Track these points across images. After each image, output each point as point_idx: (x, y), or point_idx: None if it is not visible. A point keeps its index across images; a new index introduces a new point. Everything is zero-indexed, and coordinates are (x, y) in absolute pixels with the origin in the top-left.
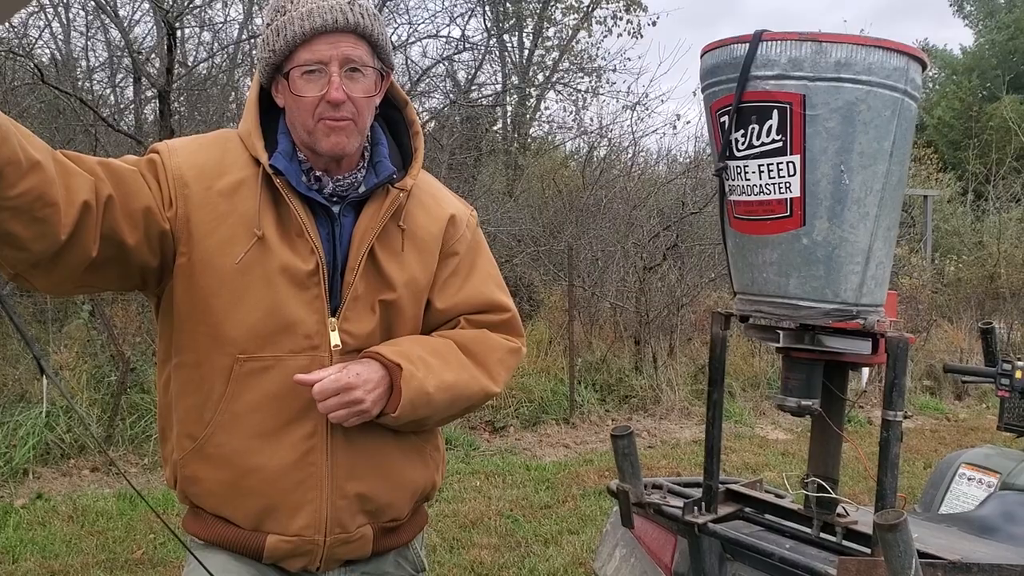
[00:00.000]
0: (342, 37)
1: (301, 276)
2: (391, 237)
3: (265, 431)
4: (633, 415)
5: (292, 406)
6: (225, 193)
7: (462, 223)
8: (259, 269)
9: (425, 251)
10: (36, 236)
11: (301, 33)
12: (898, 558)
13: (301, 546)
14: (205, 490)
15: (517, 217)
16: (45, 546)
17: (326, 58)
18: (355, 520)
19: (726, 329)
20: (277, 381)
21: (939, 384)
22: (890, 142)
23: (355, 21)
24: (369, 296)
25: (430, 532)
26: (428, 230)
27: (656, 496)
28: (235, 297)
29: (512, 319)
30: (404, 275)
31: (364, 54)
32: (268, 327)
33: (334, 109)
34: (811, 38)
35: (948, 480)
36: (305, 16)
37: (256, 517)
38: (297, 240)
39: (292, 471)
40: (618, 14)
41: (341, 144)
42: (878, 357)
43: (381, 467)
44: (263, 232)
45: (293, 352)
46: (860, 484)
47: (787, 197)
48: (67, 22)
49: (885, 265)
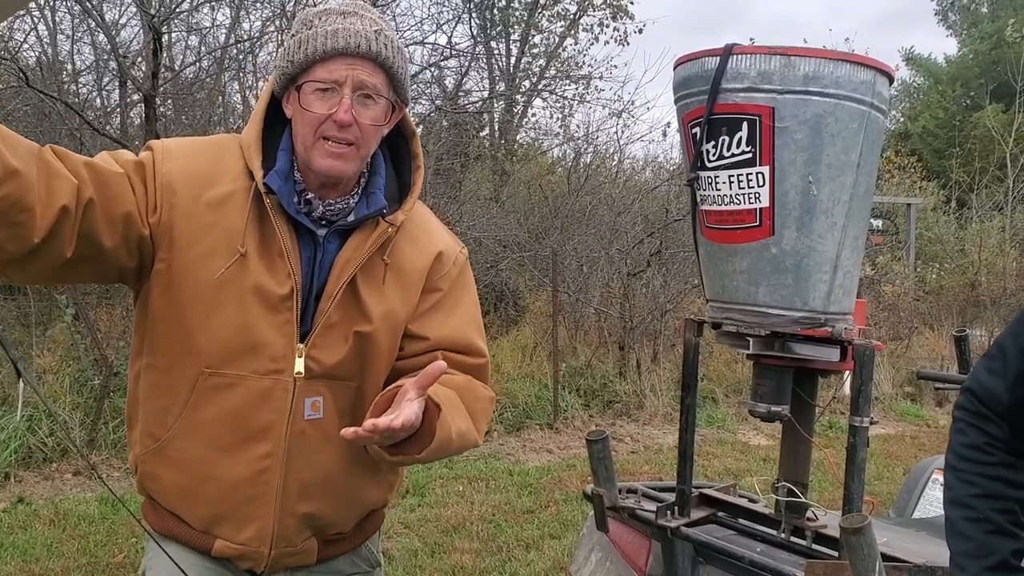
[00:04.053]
0: (361, 63)
1: (274, 299)
2: (374, 269)
3: (223, 445)
4: (617, 420)
5: (251, 425)
6: (212, 204)
7: (449, 260)
8: (235, 286)
9: (408, 286)
10: (9, 238)
11: (323, 51)
12: (862, 561)
13: (246, 553)
14: (162, 489)
15: (503, 223)
16: (26, 550)
17: (341, 79)
18: (301, 535)
19: (699, 336)
20: (239, 399)
21: (920, 391)
22: (857, 154)
23: (377, 50)
24: (344, 326)
25: (411, 536)
26: (414, 264)
27: (630, 500)
28: (209, 310)
29: (486, 366)
30: (383, 307)
31: (380, 83)
32: (236, 345)
33: (338, 130)
34: (780, 52)
35: (922, 485)
36: (329, 35)
37: (207, 521)
38: (277, 261)
39: (245, 486)
40: (605, 22)
41: (337, 168)
42: (846, 364)
43: (333, 488)
44: (246, 249)
45: (257, 373)
46: (839, 490)
47: (756, 207)
48: (53, 25)
49: (853, 274)
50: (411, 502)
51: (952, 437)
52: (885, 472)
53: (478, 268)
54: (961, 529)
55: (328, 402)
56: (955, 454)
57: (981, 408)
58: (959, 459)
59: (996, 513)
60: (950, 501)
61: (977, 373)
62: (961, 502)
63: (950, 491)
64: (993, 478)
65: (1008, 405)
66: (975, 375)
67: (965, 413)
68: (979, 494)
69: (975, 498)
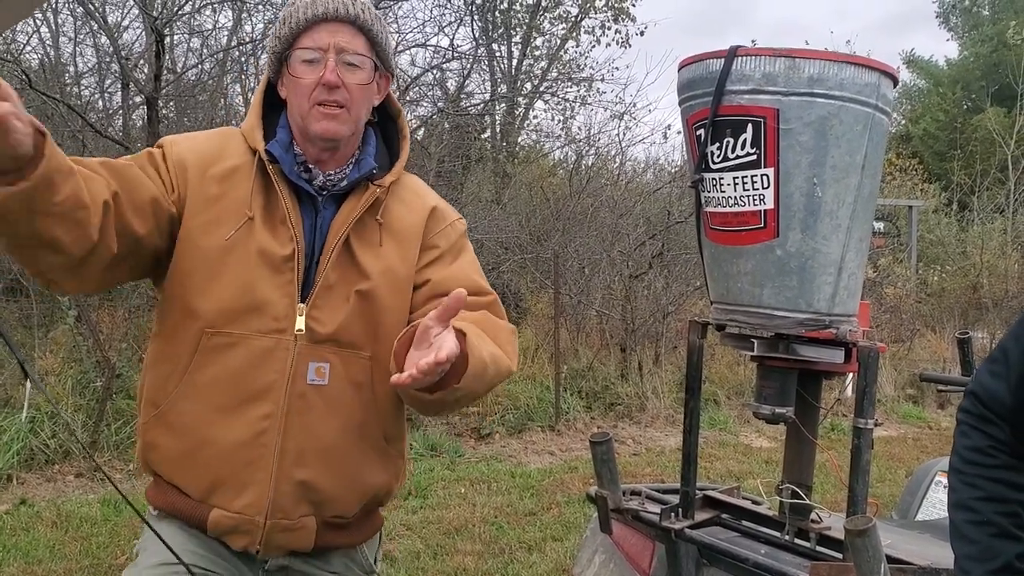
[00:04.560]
0: (341, 27)
1: (277, 260)
2: (368, 230)
3: (223, 405)
4: (619, 423)
5: (252, 385)
6: (219, 177)
7: (444, 219)
8: (241, 249)
9: (404, 242)
10: (75, 239)
11: (304, 20)
12: (867, 563)
13: (241, 524)
14: (162, 456)
15: (504, 225)
16: (28, 552)
17: (324, 44)
18: (298, 508)
19: (703, 338)
20: (240, 358)
21: (922, 393)
22: (862, 155)
23: (355, 13)
24: (343, 286)
25: (413, 538)
26: (407, 221)
27: (634, 502)
28: (212, 274)
29: (497, 302)
30: (380, 264)
31: (361, 46)
32: (239, 305)
33: (329, 93)
34: (784, 54)
35: (925, 488)
36: (309, 5)
37: (205, 489)
38: (279, 226)
39: (243, 449)
40: (606, 24)
41: (332, 129)
42: (850, 366)
43: (332, 459)
44: (253, 214)
45: (260, 332)
46: (841, 492)
47: (761, 209)
48: (56, 27)
49: (857, 276)
50: (413, 504)
51: (956, 440)
52: (887, 474)
53: None
54: (965, 532)
55: (337, 371)
56: (959, 457)
57: (984, 411)
58: (963, 462)
59: (1000, 516)
60: (954, 504)
61: (980, 376)
62: (965, 505)
63: (954, 494)
64: (996, 481)
65: (1011, 408)
66: (978, 378)
67: (968, 416)
68: (982, 497)
69: (979, 501)
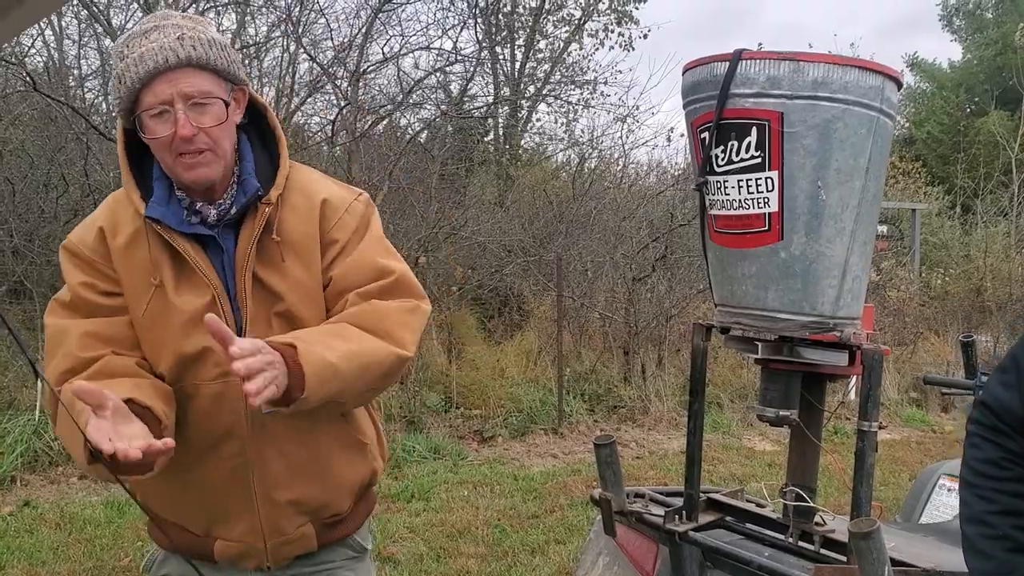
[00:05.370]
0: (178, 74)
1: (200, 312)
2: (269, 251)
3: (197, 449)
4: (621, 425)
5: (215, 428)
6: (123, 249)
7: (338, 207)
8: (162, 316)
9: (304, 252)
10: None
11: (138, 78)
12: (871, 565)
13: (245, 550)
14: (157, 499)
15: (507, 227)
16: (32, 553)
17: (167, 98)
18: (292, 523)
19: (707, 341)
20: (198, 406)
21: (925, 396)
22: (866, 159)
23: (186, 55)
24: (263, 313)
25: (416, 541)
26: (302, 231)
27: (638, 505)
28: (149, 340)
29: (400, 280)
30: (287, 282)
31: (205, 84)
32: (183, 362)
33: (187, 144)
34: (789, 57)
35: (928, 491)
36: (138, 61)
37: (204, 524)
38: (192, 277)
39: (225, 486)
40: (610, 27)
41: (202, 175)
42: (854, 369)
43: (314, 471)
44: (159, 279)
45: (207, 380)
46: (845, 495)
47: (766, 212)
48: (60, 30)
49: (861, 279)
50: (416, 507)
51: (967, 452)
52: (891, 477)
53: (483, 273)
54: (980, 547)
55: None
56: (970, 469)
57: (996, 422)
58: (975, 475)
59: (1016, 530)
60: (967, 518)
61: (991, 387)
62: (978, 519)
63: (967, 508)
64: (1010, 494)
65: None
66: (989, 389)
67: (980, 427)
68: (997, 511)
69: (993, 515)
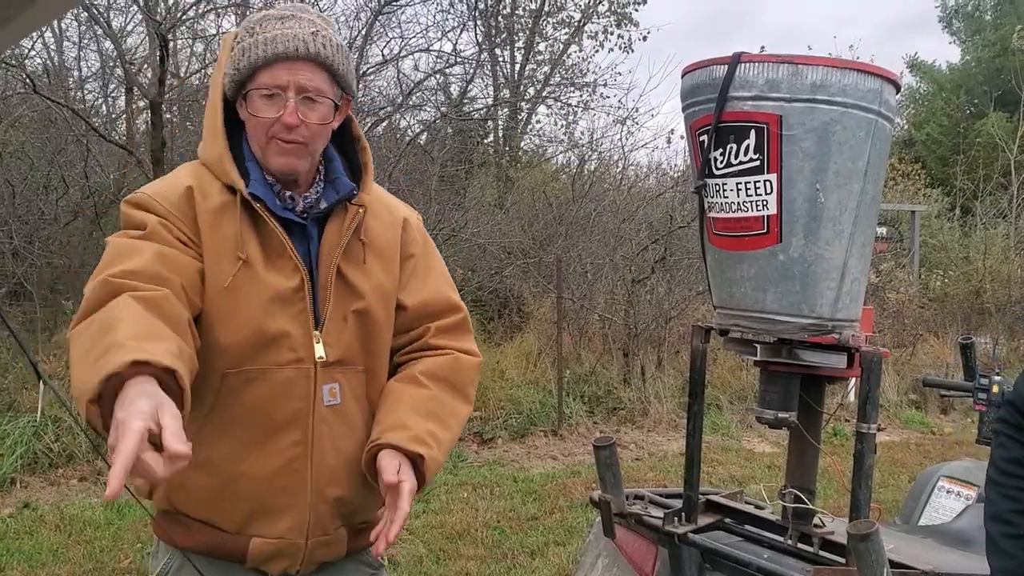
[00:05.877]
0: (301, 65)
1: (287, 293)
2: (354, 250)
3: (252, 439)
4: (621, 427)
5: (278, 416)
6: (212, 214)
7: (413, 227)
8: (246, 290)
9: (387, 259)
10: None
11: (264, 57)
12: (870, 567)
13: (284, 548)
14: (191, 497)
15: (507, 229)
16: (32, 555)
17: (284, 83)
18: (333, 523)
19: (706, 343)
20: (263, 392)
21: (925, 398)
22: (864, 162)
23: (315, 51)
24: (341, 308)
25: (416, 543)
26: (385, 238)
27: (638, 507)
28: (224, 314)
29: (467, 318)
30: (370, 283)
31: (321, 83)
32: (256, 341)
33: (287, 131)
34: (787, 60)
35: (927, 493)
36: (268, 42)
37: (242, 521)
38: (279, 260)
39: (277, 478)
40: (609, 29)
41: (291, 165)
42: (853, 371)
43: (356, 471)
44: (247, 255)
45: (279, 364)
46: (843, 497)
47: (764, 214)
48: (60, 32)
49: (860, 281)
50: (416, 508)
51: (993, 451)
52: (890, 479)
53: (483, 274)
54: (1002, 546)
55: (344, 388)
56: (996, 468)
57: (1022, 421)
58: (1000, 473)
59: None
60: (991, 516)
61: (1019, 386)
62: (1001, 517)
63: (991, 505)
64: None
65: None
66: (1017, 388)
67: (1006, 426)
68: (1020, 510)
69: (1016, 514)
